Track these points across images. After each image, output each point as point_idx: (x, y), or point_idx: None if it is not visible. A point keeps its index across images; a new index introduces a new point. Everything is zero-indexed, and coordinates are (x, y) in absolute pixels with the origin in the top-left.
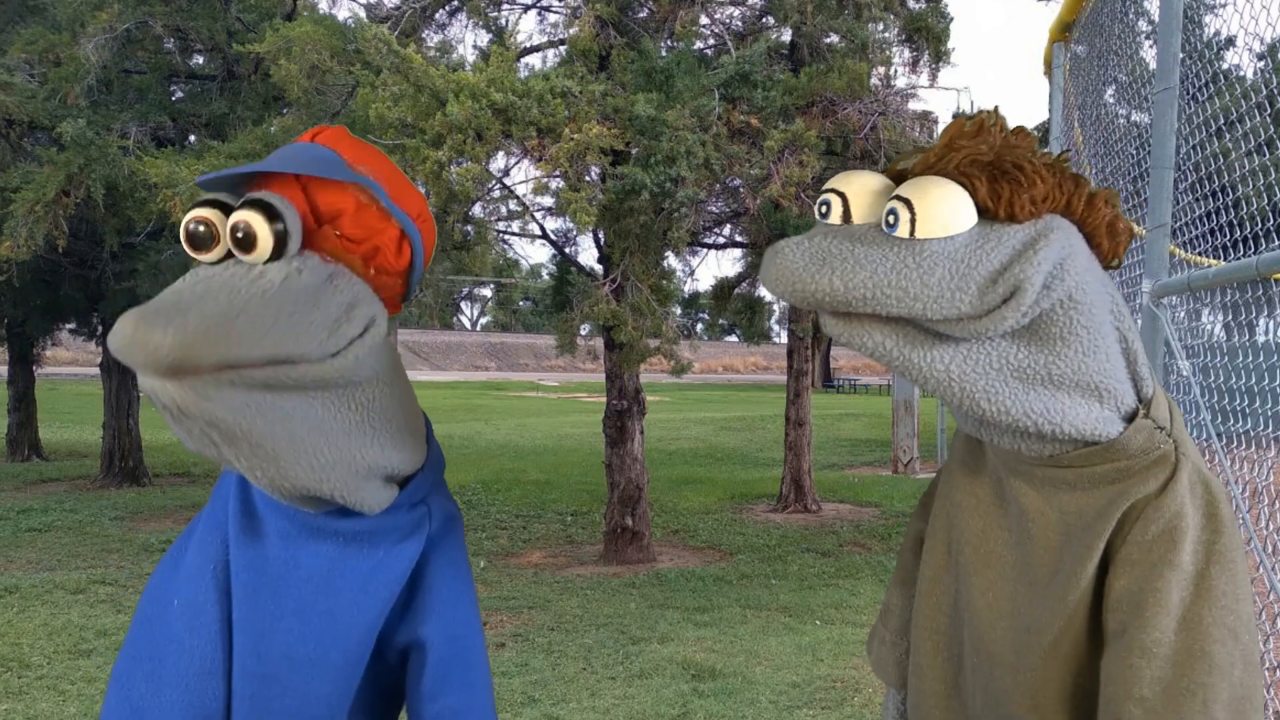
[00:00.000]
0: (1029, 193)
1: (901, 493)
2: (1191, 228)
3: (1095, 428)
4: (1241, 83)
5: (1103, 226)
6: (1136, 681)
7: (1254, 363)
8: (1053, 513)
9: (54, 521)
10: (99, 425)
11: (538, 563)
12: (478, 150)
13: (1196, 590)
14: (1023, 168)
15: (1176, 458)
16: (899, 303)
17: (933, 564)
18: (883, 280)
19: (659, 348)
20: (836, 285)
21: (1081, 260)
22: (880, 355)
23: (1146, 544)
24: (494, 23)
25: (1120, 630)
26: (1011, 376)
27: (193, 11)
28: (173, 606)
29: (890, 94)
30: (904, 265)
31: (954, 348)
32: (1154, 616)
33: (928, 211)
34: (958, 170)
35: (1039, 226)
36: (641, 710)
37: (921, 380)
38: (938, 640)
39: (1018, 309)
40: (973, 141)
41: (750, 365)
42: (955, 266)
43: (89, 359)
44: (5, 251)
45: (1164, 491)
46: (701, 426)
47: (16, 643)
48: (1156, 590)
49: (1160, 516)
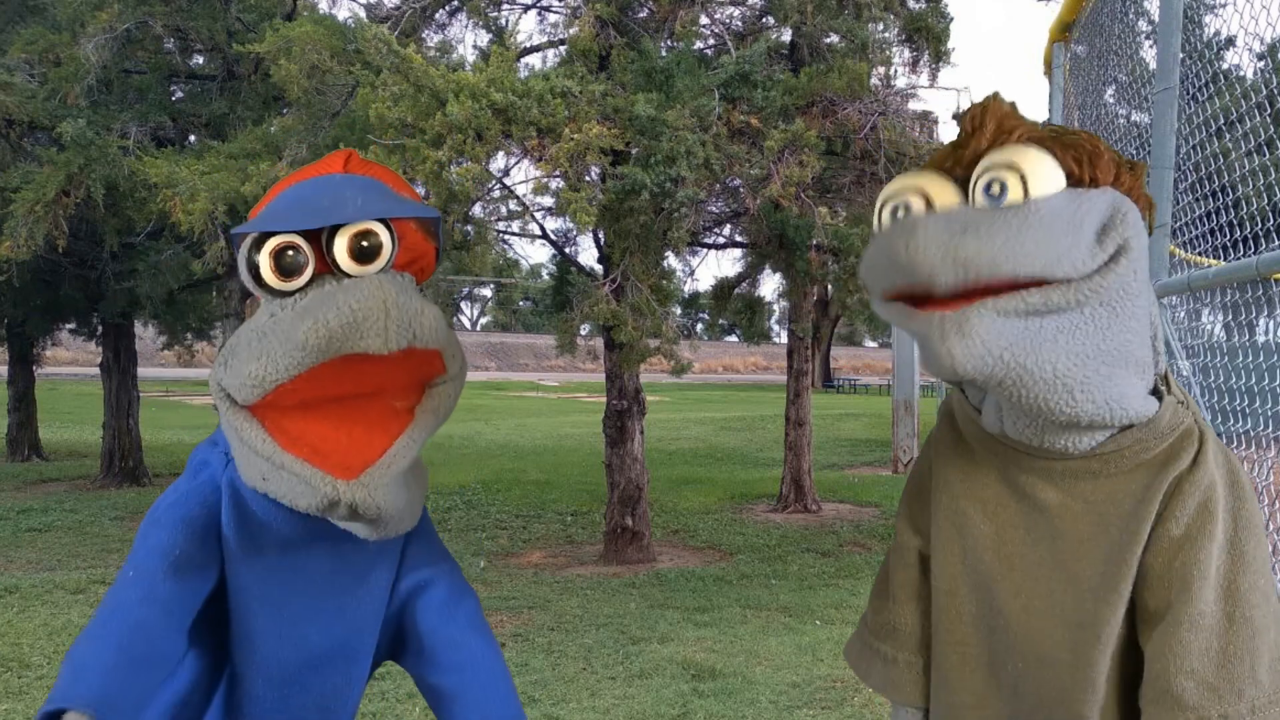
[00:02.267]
0: (1101, 159)
1: (901, 493)
2: (1191, 228)
3: (1140, 408)
4: (1241, 83)
5: (1143, 198)
6: (1186, 654)
7: (1254, 363)
8: (1078, 504)
9: (54, 521)
10: (99, 425)
11: (538, 563)
12: (478, 150)
13: (1231, 558)
14: (1082, 138)
15: (1201, 429)
16: (1032, 260)
17: (947, 576)
18: (1016, 240)
19: (659, 348)
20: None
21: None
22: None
23: (1186, 519)
24: (494, 23)
25: (1164, 606)
26: (1101, 363)
27: (193, 11)
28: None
29: (890, 94)
30: (1028, 224)
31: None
32: (1199, 589)
33: (1036, 172)
34: (1028, 141)
35: (1114, 194)
36: (641, 710)
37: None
38: (964, 652)
39: (1130, 265)
40: (1021, 121)
41: (750, 365)
42: (1068, 223)
43: (89, 359)
44: (5, 251)
45: (1195, 465)
46: (701, 426)
47: (16, 643)
48: (1199, 563)
49: (1196, 490)
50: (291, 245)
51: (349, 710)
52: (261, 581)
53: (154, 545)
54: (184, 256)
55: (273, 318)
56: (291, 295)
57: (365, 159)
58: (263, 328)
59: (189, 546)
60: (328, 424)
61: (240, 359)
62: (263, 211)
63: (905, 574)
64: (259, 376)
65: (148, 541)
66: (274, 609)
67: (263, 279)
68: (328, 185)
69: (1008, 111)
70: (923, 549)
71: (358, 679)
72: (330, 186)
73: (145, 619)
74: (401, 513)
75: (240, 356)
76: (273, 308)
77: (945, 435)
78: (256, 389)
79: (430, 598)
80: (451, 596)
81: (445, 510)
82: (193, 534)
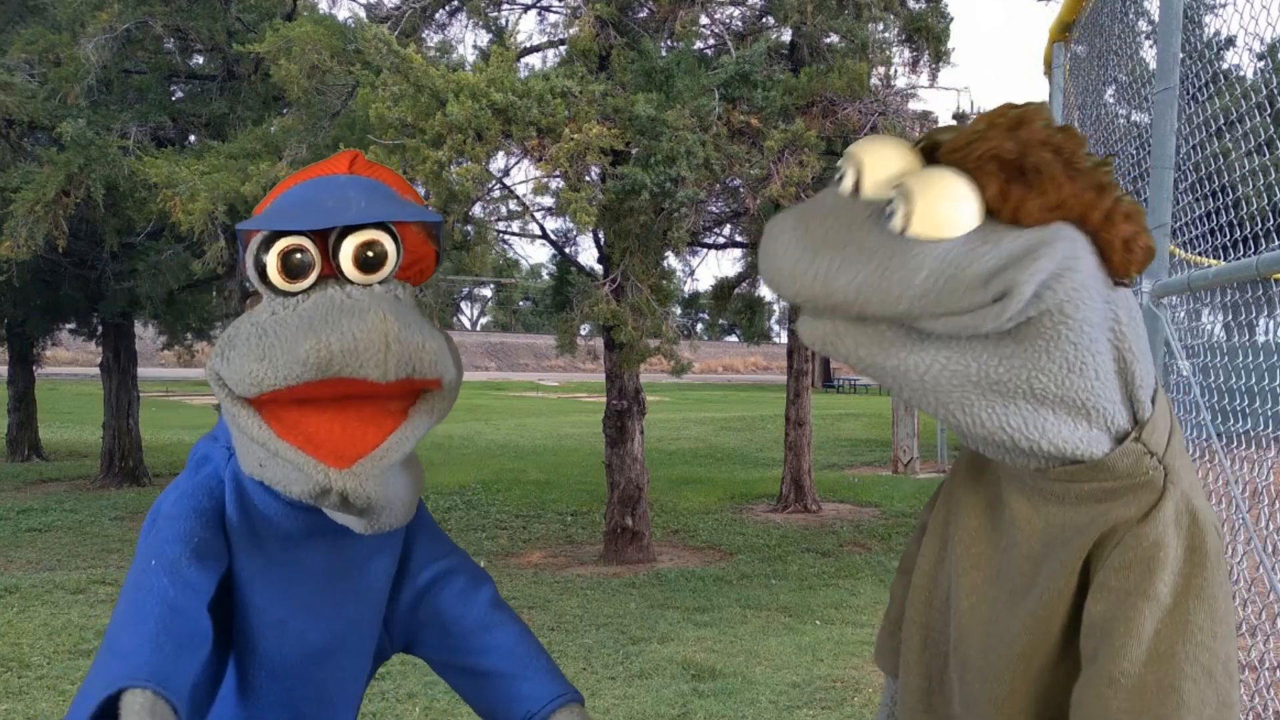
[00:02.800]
0: (1040, 199)
1: (901, 493)
2: (1191, 228)
3: (1079, 446)
4: (1241, 83)
5: (1117, 242)
6: (1103, 711)
7: (1254, 363)
8: (1039, 523)
9: (54, 521)
10: (99, 425)
11: (538, 563)
12: (478, 150)
13: (1171, 623)
14: (1043, 171)
15: (1165, 485)
16: (881, 305)
17: (928, 558)
18: (866, 282)
19: (659, 348)
20: (817, 289)
21: (1083, 275)
22: (854, 361)
23: (1122, 570)
24: (494, 23)
25: (1092, 657)
26: (990, 389)
27: (193, 11)
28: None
29: (890, 94)
30: (889, 265)
31: (931, 354)
32: (1124, 646)
33: (926, 210)
34: (977, 162)
35: (1043, 233)
36: (641, 710)
37: (896, 387)
38: (925, 635)
39: (1002, 314)
40: (1003, 135)
41: (750, 365)
42: (943, 269)
43: (89, 359)
44: (5, 251)
45: (1145, 519)
46: (701, 426)
47: (16, 643)
48: (1128, 619)
49: (1138, 544)
50: (299, 247)
51: (352, 704)
52: (262, 575)
53: (173, 534)
54: (184, 256)
55: (274, 315)
56: (294, 296)
57: (370, 161)
58: (264, 325)
59: (205, 534)
60: (323, 417)
61: (240, 353)
62: (268, 209)
63: (910, 548)
64: (258, 377)
65: (165, 532)
66: (274, 603)
67: (269, 279)
68: (333, 186)
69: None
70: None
71: (359, 673)
72: (336, 187)
73: (179, 600)
74: (393, 506)
75: (240, 351)
76: (275, 305)
77: None
78: (254, 387)
79: (450, 587)
80: (470, 583)
81: (445, 510)
82: (207, 523)
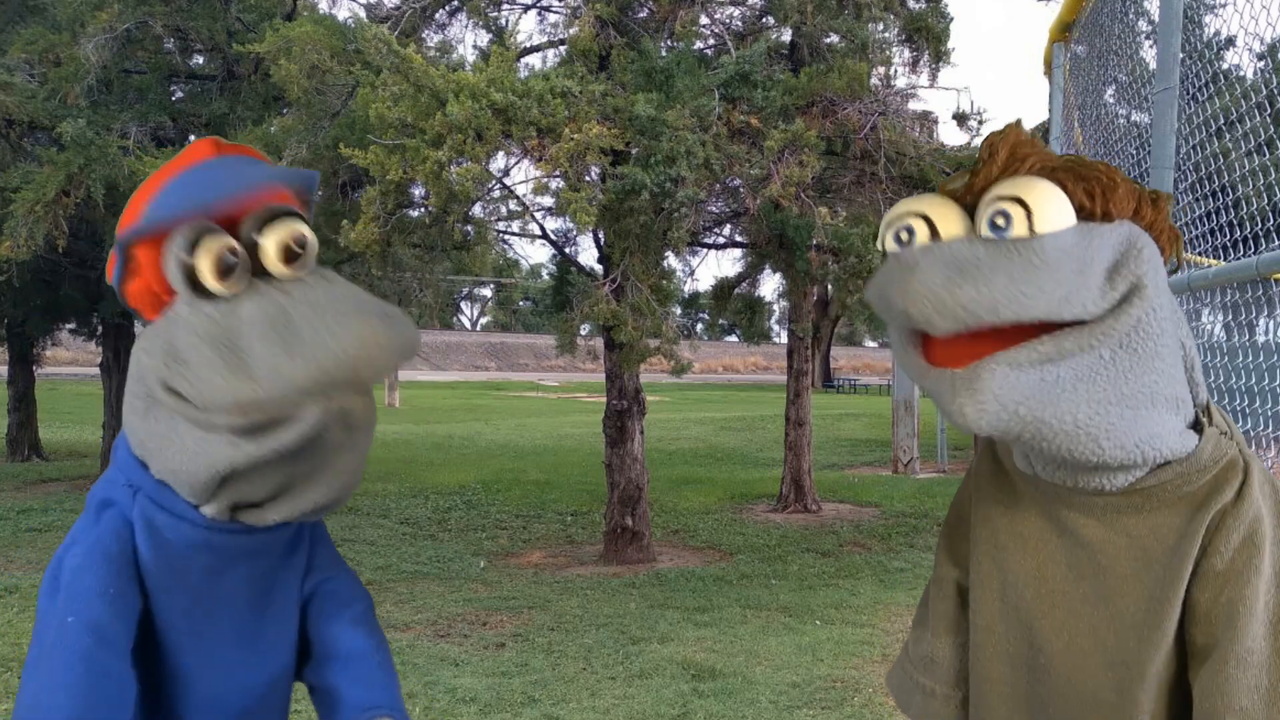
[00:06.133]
0: (1116, 193)
1: (901, 493)
2: (1191, 228)
3: (1177, 445)
4: (1241, 83)
5: (1166, 230)
6: (1234, 692)
7: (1254, 363)
8: (1121, 539)
9: (54, 521)
10: (99, 425)
11: (538, 563)
12: (478, 150)
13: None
14: (1098, 169)
15: (1245, 460)
16: (1035, 304)
17: (986, 613)
18: (1018, 282)
19: (659, 348)
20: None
21: (1160, 263)
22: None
23: (1231, 554)
24: (494, 23)
25: (1211, 643)
26: (1125, 407)
27: (193, 11)
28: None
29: (890, 94)
30: (1030, 265)
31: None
32: (1245, 625)
33: (1043, 207)
34: (1040, 173)
35: (1129, 228)
36: (641, 710)
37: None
38: (1002, 690)
39: (1146, 304)
40: (1036, 150)
41: (750, 365)
42: (1076, 262)
43: (89, 359)
44: (5, 251)
45: (1240, 498)
46: (701, 426)
47: (16, 643)
48: (1246, 599)
49: (1240, 524)
50: (230, 248)
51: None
52: (186, 614)
53: (86, 588)
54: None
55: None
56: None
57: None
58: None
59: (119, 583)
60: None
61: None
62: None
63: (943, 605)
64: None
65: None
66: (200, 639)
67: (201, 282)
68: (216, 166)
69: (1023, 140)
70: (961, 580)
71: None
72: (220, 167)
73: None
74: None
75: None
76: (207, 309)
77: (986, 466)
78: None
79: (321, 603)
80: (343, 599)
81: (445, 510)
82: (119, 571)
